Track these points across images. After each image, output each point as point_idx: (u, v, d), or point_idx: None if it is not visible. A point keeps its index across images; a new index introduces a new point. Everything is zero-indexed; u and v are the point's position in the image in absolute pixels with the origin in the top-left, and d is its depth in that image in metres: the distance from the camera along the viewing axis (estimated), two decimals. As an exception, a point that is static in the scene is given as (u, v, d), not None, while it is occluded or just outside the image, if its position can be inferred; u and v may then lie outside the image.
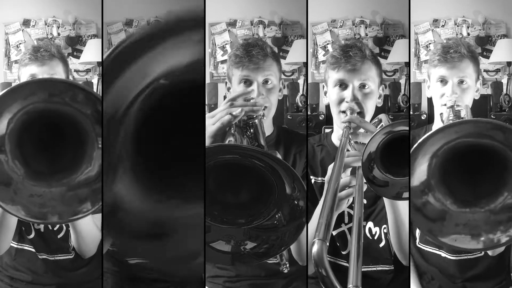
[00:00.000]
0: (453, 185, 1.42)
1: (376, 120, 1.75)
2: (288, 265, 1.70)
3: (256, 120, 1.64)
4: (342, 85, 1.77)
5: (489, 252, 1.75)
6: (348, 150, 1.57)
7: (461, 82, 1.82)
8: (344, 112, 1.75)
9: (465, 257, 1.83)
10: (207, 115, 1.60)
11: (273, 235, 1.37)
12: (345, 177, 1.54)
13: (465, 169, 1.43)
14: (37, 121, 1.43)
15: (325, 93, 1.86)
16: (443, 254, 1.83)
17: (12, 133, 1.42)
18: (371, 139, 1.45)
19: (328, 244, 1.12)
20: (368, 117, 1.76)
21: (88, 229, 1.78)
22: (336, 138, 1.87)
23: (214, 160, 1.33)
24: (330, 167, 1.54)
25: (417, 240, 1.87)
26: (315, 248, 1.11)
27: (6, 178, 1.42)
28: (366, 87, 1.77)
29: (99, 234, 1.79)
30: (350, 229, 1.79)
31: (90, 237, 1.80)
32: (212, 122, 1.58)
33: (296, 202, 1.34)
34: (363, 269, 1.76)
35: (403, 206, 1.61)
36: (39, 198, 1.42)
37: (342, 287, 1.09)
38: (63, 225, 1.87)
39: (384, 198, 1.65)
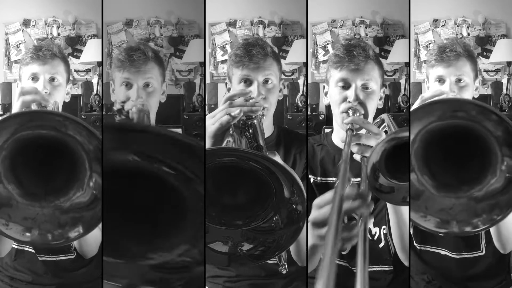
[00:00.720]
0: (435, 169, 1.42)
1: (379, 120, 1.74)
2: (286, 266, 1.70)
3: (255, 121, 1.64)
4: (345, 84, 1.77)
5: (501, 250, 1.75)
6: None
7: (458, 80, 1.83)
8: (346, 112, 1.74)
9: (466, 256, 1.84)
10: (207, 115, 1.60)
11: (269, 238, 1.37)
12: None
13: (446, 152, 1.43)
14: (30, 145, 1.42)
15: (326, 93, 1.86)
16: (443, 252, 1.83)
17: (5, 160, 1.42)
18: (373, 151, 1.44)
19: None
20: (369, 118, 1.76)
21: None
22: (336, 137, 1.87)
23: (212, 162, 1.33)
24: (318, 201, 1.45)
25: (413, 241, 1.87)
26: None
27: (5, 201, 1.42)
28: (368, 87, 1.76)
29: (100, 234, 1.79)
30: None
31: (92, 237, 1.78)
32: (212, 122, 1.58)
33: (294, 206, 1.34)
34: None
35: (405, 207, 1.62)
36: (32, 221, 1.42)
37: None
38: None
39: (386, 200, 1.65)
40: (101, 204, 1.37)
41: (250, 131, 1.61)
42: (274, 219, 1.36)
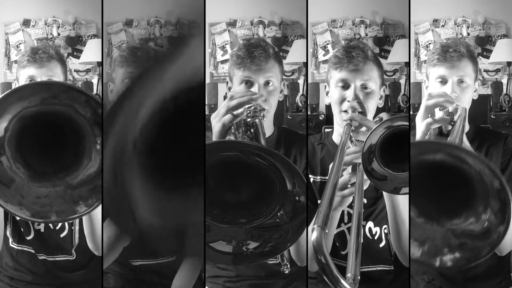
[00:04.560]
0: (418, 199, 1.43)
1: (377, 118, 1.75)
2: (289, 265, 1.70)
3: (257, 120, 1.64)
4: (344, 84, 1.78)
5: (497, 253, 1.75)
6: (349, 147, 1.58)
7: (461, 81, 1.82)
8: (345, 111, 1.75)
9: (466, 257, 1.84)
10: (212, 115, 1.60)
11: (275, 234, 1.37)
12: (346, 174, 1.55)
13: (431, 185, 1.44)
14: (33, 124, 1.44)
15: (327, 93, 1.86)
16: (444, 253, 1.84)
17: (11, 139, 1.43)
18: (372, 132, 1.46)
19: (327, 231, 1.15)
20: (369, 117, 1.77)
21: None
22: (337, 137, 1.87)
23: (214, 158, 1.33)
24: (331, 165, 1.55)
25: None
26: (314, 235, 1.15)
27: (8, 180, 1.43)
28: (367, 87, 1.77)
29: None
30: (349, 229, 1.79)
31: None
32: (216, 121, 1.59)
33: (297, 198, 1.34)
34: (363, 269, 1.77)
35: (403, 205, 1.62)
36: (45, 199, 1.44)
37: (342, 276, 1.14)
38: (66, 224, 1.87)
39: (384, 198, 1.65)
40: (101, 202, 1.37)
41: (252, 130, 1.61)
42: (278, 214, 1.36)
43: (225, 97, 1.77)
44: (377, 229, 1.80)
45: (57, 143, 1.50)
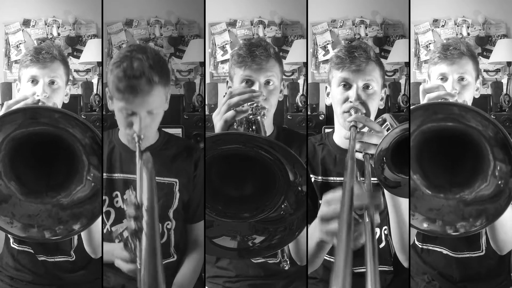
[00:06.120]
0: (428, 169, 1.42)
1: (380, 119, 1.74)
2: (288, 262, 1.69)
3: (259, 117, 1.64)
4: (346, 84, 1.77)
5: (497, 251, 1.75)
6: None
7: (461, 79, 1.83)
8: (348, 112, 1.74)
9: (467, 255, 1.83)
10: (214, 113, 1.60)
11: (281, 226, 1.35)
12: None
13: (439, 153, 1.43)
14: (25, 143, 1.45)
15: (328, 94, 1.86)
16: (445, 251, 1.83)
17: (4, 158, 1.45)
18: (383, 140, 1.45)
19: None
20: (371, 118, 1.76)
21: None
22: (337, 137, 1.87)
23: (216, 152, 1.32)
24: (328, 197, 1.44)
25: (415, 239, 1.87)
26: None
27: (3, 197, 1.45)
28: (369, 88, 1.76)
29: None
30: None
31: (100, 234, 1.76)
32: (218, 118, 1.59)
33: (300, 189, 1.33)
34: (362, 270, 1.76)
35: (405, 206, 1.61)
36: (36, 217, 1.45)
37: None
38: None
39: (386, 199, 1.65)
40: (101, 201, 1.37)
41: (254, 127, 1.61)
42: (282, 206, 1.35)
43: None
44: (377, 230, 1.80)
45: (49, 161, 1.51)
